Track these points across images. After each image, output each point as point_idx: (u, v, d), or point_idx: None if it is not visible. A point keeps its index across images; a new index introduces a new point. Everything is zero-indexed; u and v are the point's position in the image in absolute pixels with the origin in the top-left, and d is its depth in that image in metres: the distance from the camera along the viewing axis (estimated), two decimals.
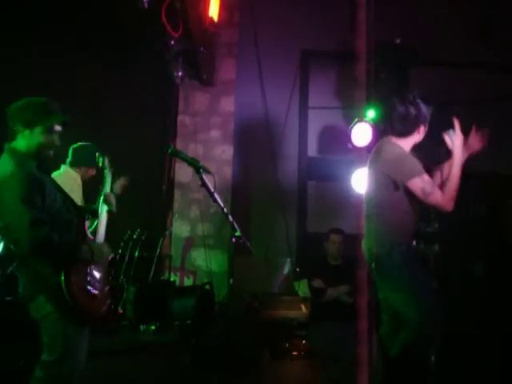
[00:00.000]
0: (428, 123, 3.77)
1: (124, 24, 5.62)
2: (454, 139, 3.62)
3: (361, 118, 5.49)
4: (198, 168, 3.21)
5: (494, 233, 6.19)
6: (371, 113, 5.60)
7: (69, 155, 4.90)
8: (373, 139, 5.35)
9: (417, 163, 3.67)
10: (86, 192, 4.93)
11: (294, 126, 6.85)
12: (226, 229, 5.21)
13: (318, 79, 6.89)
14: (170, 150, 3.38)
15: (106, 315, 3.07)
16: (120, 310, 5.26)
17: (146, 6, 4.76)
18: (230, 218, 3.15)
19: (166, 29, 5.22)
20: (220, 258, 6.50)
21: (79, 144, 4.91)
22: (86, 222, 3.23)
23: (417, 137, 3.75)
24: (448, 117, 3.72)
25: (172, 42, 5.51)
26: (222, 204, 3.19)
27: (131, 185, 4.33)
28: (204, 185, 3.17)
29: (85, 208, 3.36)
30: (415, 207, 3.69)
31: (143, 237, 5.76)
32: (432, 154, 3.74)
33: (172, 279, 6.26)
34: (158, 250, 6.05)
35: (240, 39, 6.84)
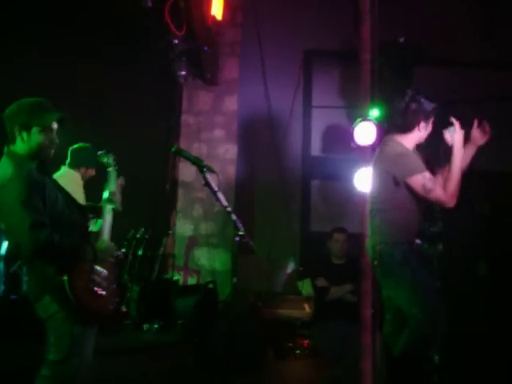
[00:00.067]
0: (432, 121, 3.75)
1: (128, 23, 5.62)
2: (454, 134, 3.61)
3: (364, 117, 5.48)
4: (202, 167, 3.20)
5: (499, 232, 6.18)
6: (375, 112, 5.58)
7: (68, 157, 4.93)
8: (376, 138, 5.32)
9: (418, 160, 3.66)
10: (87, 192, 4.95)
11: (298, 125, 6.85)
12: (230, 228, 5.18)
13: (322, 78, 6.88)
14: (174, 149, 3.38)
15: (113, 313, 3.07)
16: (123, 309, 5.26)
17: (150, 5, 4.78)
18: (234, 217, 3.14)
19: (170, 28, 5.23)
20: (223, 257, 6.50)
21: (78, 145, 4.94)
22: (91, 222, 3.23)
23: (417, 133, 3.72)
24: (452, 116, 3.71)
25: (175, 41, 5.51)
26: (226, 203, 3.18)
27: (134, 184, 4.33)
28: (207, 184, 3.16)
29: (88, 207, 3.35)
30: (419, 206, 3.68)
31: (147, 236, 5.77)
32: (436, 154, 3.72)
33: (175, 278, 6.26)
34: (162, 249, 6.05)
35: (243, 38, 6.83)
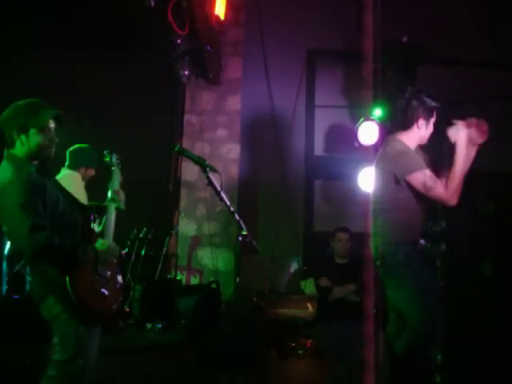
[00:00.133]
0: (434, 122, 3.74)
1: (130, 23, 5.62)
2: (458, 133, 3.59)
3: (367, 117, 5.47)
4: (205, 167, 3.20)
5: (503, 231, 6.16)
6: (378, 111, 5.59)
7: (67, 158, 4.93)
8: (379, 138, 5.33)
9: (418, 158, 3.65)
10: (89, 192, 4.94)
11: (301, 125, 6.84)
12: (233, 227, 5.21)
13: (325, 78, 6.88)
14: (177, 149, 3.37)
15: (117, 313, 3.07)
16: (126, 309, 5.26)
17: (153, 5, 4.77)
18: (237, 217, 3.14)
19: (173, 27, 5.22)
20: (226, 257, 6.50)
21: (76, 146, 4.95)
22: (96, 222, 3.22)
23: (417, 131, 3.70)
24: (456, 115, 3.70)
25: (178, 41, 5.51)
26: (229, 203, 3.18)
27: (137, 184, 4.33)
28: (210, 183, 3.16)
29: (91, 206, 3.34)
30: (423, 206, 3.67)
31: (150, 235, 5.77)
32: (440, 154, 3.70)
33: (178, 278, 6.26)
34: (165, 249, 6.05)
35: (246, 38, 6.83)
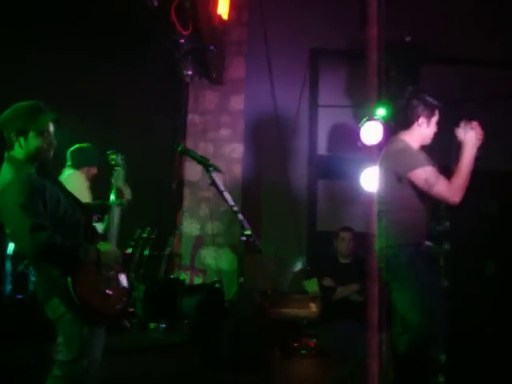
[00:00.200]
0: (436, 121, 3.73)
1: (134, 22, 5.62)
2: (467, 131, 3.58)
3: (371, 116, 5.47)
4: (208, 166, 3.19)
5: (506, 231, 6.15)
6: (381, 111, 5.59)
7: (68, 159, 4.92)
8: (383, 137, 5.33)
9: (421, 155, 3.65)
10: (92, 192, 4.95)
11: (304, 124, 6.84)
12: (236, 227, 5.18)
13: (328, 77, 6.87)
14: (180, 149, 3.37)
15: (121, 313, 3.06)
16: (130, 309, 5.27)
17: (156, 5, 4.78)
18: (240, 217, 3.13)
19: (176, 27, 5.23)
20: (230, 257, 6.50)
21: (77, 146, 4.94)
22: (98, 222, 3.22)
23: (418, 130, 3.69)
24: (459, 114, 3.69)
25: (181, 41, 5.51)
26: (232, 202, 3.17)
27: (140, 184, 4.31)
28: (214, 183, 3.16)
29: (94, 206, 3.33)
30: (426, 205, 3.66)
31: (153, 235, 5.77)
32: (444, 153, 3.69)
33: (182, 277, 6.27)
34: (168, 249, 6.05)
35: (249, 37, 6.82)
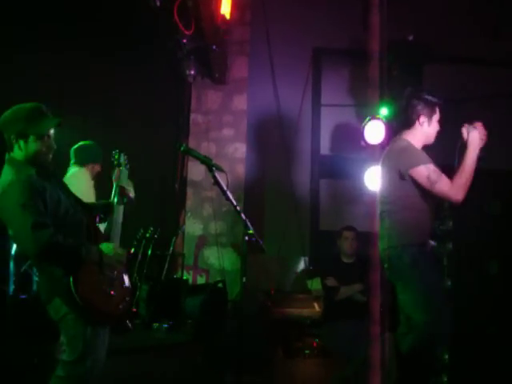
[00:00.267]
0: (437, 116, 3.72)
1: (136, 22, 5.63)
2: (470, 131, 3.57)
3: (373, 116, 5.47)
4: (211, 166, 3.20)
5: (509, 230, 6.13)
6: (384, 110, 5.59)
7: (72, 157, 4.90)
8: (386, 137, 5.34)
9: (423, 153, 3.65)
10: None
11: (307, 124, 6.83)
12: (239, 227, 5.20)
13: (331, 77, 6.86)
14: (183, 148, 3.37)
15: (124, 313, 3.06)
16: (133, 309, 5.27)
17: (158, 4, 4.78)
18: (243, 216, 3.13)
19: (179, 27, 5.23)
20: (233, 257, 6.50)
21: (80, 143, 4.93)
22: (102, 223, 3.22)
23: (420, 129, 3.69)
24: (461, 114, 3.69)
25: (184, 41, 5.51)
26: (235, 202, 3.17)
27: (143, 183, 4.31)
28: (217, 183, 3.16)
29: (97, 206, 3.33)
30: (430, 204, 3.65)
31: (156, 235, 5.77)
32: (448, 153, 3.68)
33: (185, 277, 6.27)
34: (171, 249, 6.06)
35: (252, 37, 6.82)
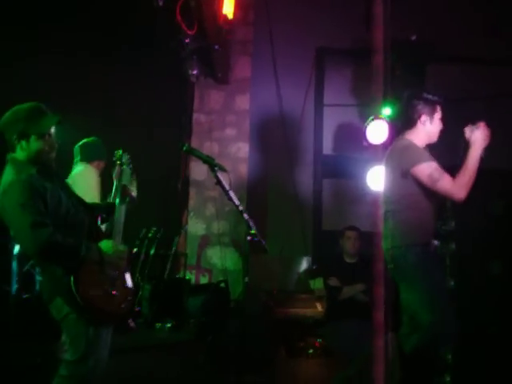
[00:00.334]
0: (439, 114, 3.72)
1: (139, 22, 5.63)
2: (474, 130, 3.57)
3: (376, 116, 5.46)
4: (214, 166, 3.20)
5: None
6: (387, 110, 5.57)
7: (76, 154, 4.86)
8: (389, 137, 5.32)
9: (425, 152, 3.65)
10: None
11: (310, 124, 6.83)
12: (242, 227, 5.20)
13: (334, 77, 6.86)
14: (185, 148, 3.37)
15: (126, 312, 3.05)
16: (136, 308, 5.28)
17: (161, 4, 4.78)
18: (246, 216, 3.13)
19: (181, 27, 5.22)
20: (235, 256, 6.50)
21: (84, 140, 4.89)
22: (104, 223, 3.21)
23: (422, 128, 3.69)
24: (465, 113, 3.68)
25: (187, 40, 5.50)
26: (238, 202, 3.17)
27: (146, 183, 4.30)
28: (219, 183, 3.16)
29: (99, 206, 3.32)
30: (433, 203, 3.64)
31: (159, 235, 5.78)
32: (452, 153, 3.67)
33: (187, 277, 6.27)
34: (174, 248, 6.06)
35: (255, 37, 6.82)
